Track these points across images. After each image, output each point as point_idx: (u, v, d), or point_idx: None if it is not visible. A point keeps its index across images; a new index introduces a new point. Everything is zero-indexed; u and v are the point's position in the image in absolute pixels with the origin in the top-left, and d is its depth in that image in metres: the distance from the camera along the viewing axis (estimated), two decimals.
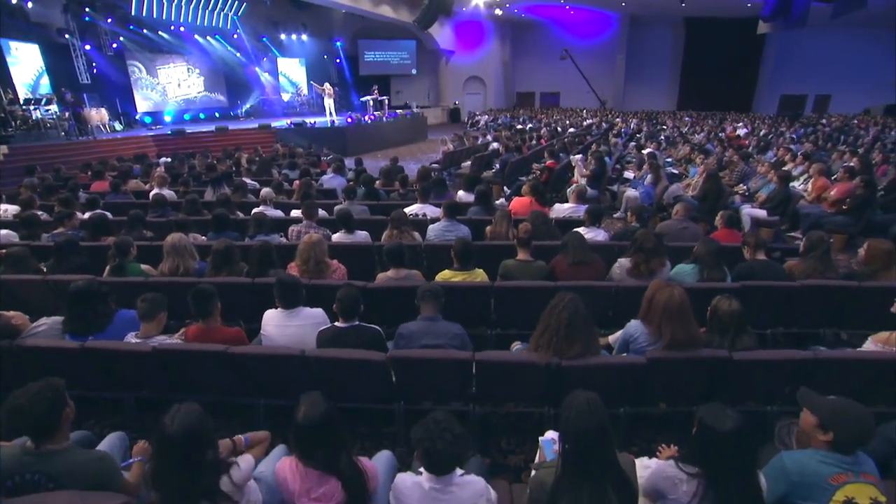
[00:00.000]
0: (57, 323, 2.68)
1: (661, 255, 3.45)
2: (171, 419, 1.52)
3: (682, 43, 27.85)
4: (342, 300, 2.49)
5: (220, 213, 4.31)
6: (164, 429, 1.51)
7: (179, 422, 1.51)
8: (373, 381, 2.53)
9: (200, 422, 1.55)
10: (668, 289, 2.50)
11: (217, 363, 2.50)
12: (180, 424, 1.50)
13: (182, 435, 1.49)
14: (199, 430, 1.54)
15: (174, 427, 1.50)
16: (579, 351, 2.39)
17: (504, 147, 9.76)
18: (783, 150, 9.63)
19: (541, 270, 3.47)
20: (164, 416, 1.55)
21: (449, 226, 4.15)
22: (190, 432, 1.51)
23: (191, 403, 1.60)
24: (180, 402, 1.62)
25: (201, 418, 1.56)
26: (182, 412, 1.54)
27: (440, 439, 1.54)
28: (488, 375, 2.50)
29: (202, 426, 1.55)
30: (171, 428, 1.50)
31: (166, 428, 1.51)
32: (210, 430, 1.60)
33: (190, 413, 1.55)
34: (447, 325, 2.56)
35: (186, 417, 1.53)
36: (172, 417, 1.53)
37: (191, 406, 1.58)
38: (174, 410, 1.56)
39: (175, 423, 1.51)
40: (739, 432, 1.54)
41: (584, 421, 1.53)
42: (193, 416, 1.54)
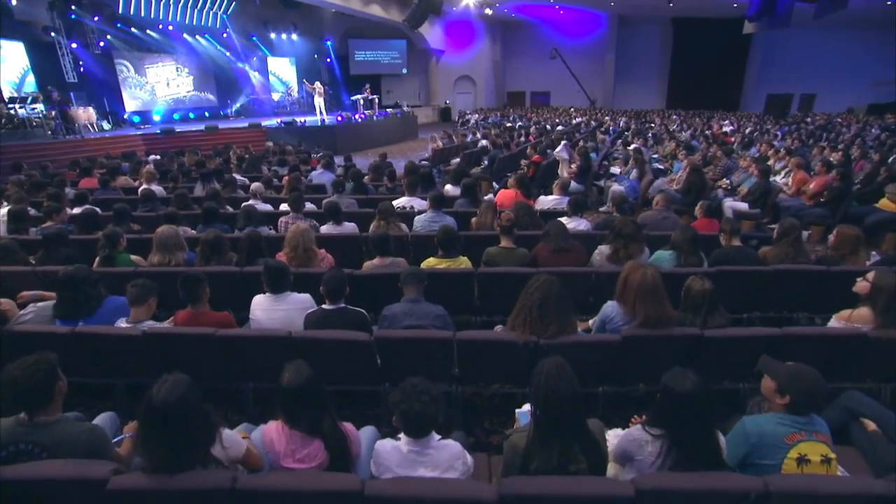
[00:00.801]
0: (44, 309, 2.72)
1: (640, 240, 3.57)
2: (158, 388, 1.57)
3: (670, 42, 28.19)
4: (328, 282, 2.57)
5: (210, 206, 4.36)
6: (151, 398, 1.56)
7: (167, 392, 1.55)
8: (358, 361, 2.60)
9: (188, 392, 1.59)
10: (641, 269, 2.60)
11: (206, 346, 2.56)
12: (167, 394, 1.55)
13: (168, 404, 1.54)
14: (187, 401, 1.58)
15: (161, 396, 1.54)
16: (555, 331, 2.48)
17: (492, 144, 9.86)
18: (766, 145, 9.84)
19: (523, 257, 3.57)
20: (151, 388, 1.59)
21: (435, 217, 4.24)
22: (176, 402, 1.55)
23: (180, 374, 1.64)
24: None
25: (189, 389, 1.60)
26: (170, 382, 1.58)
27: (417, 401, 1.63)
28: (470, 355, 2.59)
29: (189, 397, 1.59)
30: (157, 397, 1.54)
31: (153, 397, 1.55)
32: (197, 401, 1.64)
33: (178, 383, 1.59)
34: (429, 306, 2.64)
35: (174, 388, 1.57)
36: (160, 387, 1.57)
37: (179, 377, 1.62)
38: (162, 381, 1.60)
39: (162, 393, 1.55)
40: (698, 392, 1.65)
41: (554, 384, 1.63)
42: (181, 386, 1.59)
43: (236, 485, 1.51)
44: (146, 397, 1.58)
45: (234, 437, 1.74)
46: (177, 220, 4.26)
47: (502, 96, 30.65)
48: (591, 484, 1.57)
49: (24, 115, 13.16)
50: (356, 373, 2.71)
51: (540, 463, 1.62)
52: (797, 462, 1.70)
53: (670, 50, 28.39)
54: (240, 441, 1.76)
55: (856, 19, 21.08)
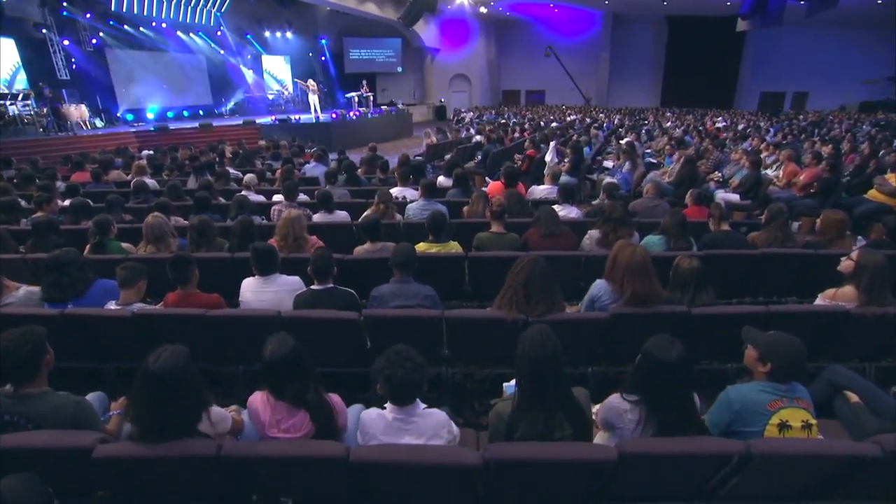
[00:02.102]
0: (33, 293, 2.71)
1: (629, 224, 3.60)
2: (156, 356, 1.56)
3: (664, 41, 28.31)
4: (316, 261, 2.58)
5: (202, 195, 4.36)
6: (147, 364, 1.56)
7: (166, 359, 1.55)
8: (347, 342, 2.61)
9: (186, 363, 1.59)
10: (630, 247, 2.62)
11: (196, 327, 2.56)
12: (166, 361, 1.55)
13: (166, 371, 1.53)
14: (183, 371, 1.57)
15: (158, 364, 1.54)
16: (543, 310, 2.50)
17: (487, 139, 9.88)
18: (758, 139, 9.91)
19: (514, 242, 3.58)
20: (148, 356, 1.59)
21: (426, 205, 4.25)
22: (174, 371, 1.54)
23: (177, 346, 1.63)
24: None
25: (187, 360, 1.60)
26: (169, 352, 1.58)
27: (401, 367, 1.64)
28: (459, 334, 2.60)
29: (187, 368, 1.59)
30: (154, 364, 1.54)
31: (150, 364, 1.55)
32: (194, 373, 1.64)
33: (177, 353, 1.59)
34: (418, 286, 2.65)
35: (174, 357, 1.57)
36: (158, 355, 1.56)
37: (178, 348, 1.62)
38: (160, 350, 1.59)
39: (160, 361, 1.55)
40: (684, 360, 1.67)
41: (538, 350, 1.65)
42: (180, 357, 1.59)
43: (221, 452, 1.52)
44: (143, 363, 1.58)
45: (222, 413, 1.75)
46: (168, 210, 4.25)
47: (497, 95, 30.68)
48: (575, 449, 1.59)
49: (16, 112, 13.06)
50: (345, 354, 2.72)
51: (525, 430, 1.64)
52: (779, 428, 1.73)
53: (664, 48, 28.51)
54: (227, 416, 1.77)
55: (848, 18, 21.25)
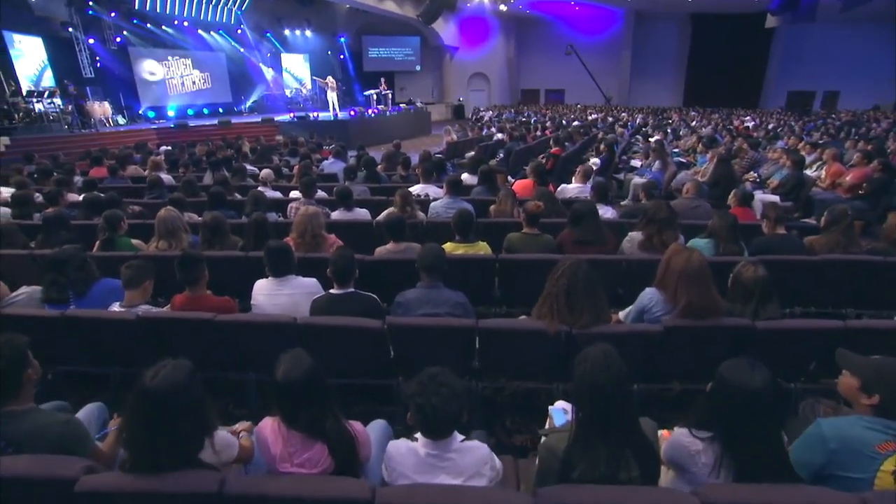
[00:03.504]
0: (36, 292, 2.54)
1: (675, 226, 3.28)
2: (154, 373, 1.35)
3: (688, 39, 27.61)
4: (336, 263, 2.34)
5: (216, 191, 4.18)
6: (144, 382, 1.34)
7: (164, 376, 1.34)
8: (369, 351, 2.37)
9: (188, 381, 1.37)
10: (685, 252, 2.33)
11: (205, 332, 2.35)
12: (164, 379, 1.33)
13: (164, 391, 1.32)
14: (184, 391, 1.35)
15: (156, 381, 1.32)
16: (588, 320, 2.22)
17: (509, 137, 9.58)
18: (795, 138, 9.41)
19: (548, 244, 3.30)
20: (147, 371, 1.37)
21: (451, 203, 3.99)
22: (173, 390, 1.33)
23: (182, 360, 1.42)
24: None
25: (190, 377, 1.38)
26: (169, 367, 1.36)
27: (435, 394, 1.37)
28: (492, 346, 2.34)
29: (189, 386, 1.37)
30: (152, 382, 1.33)
31: (146, 381, 1.33)
32: (198, 392, 1.42)
33: (178, 369, 1.37)
34: (448, 292, 2.39)
35: (174, 373, 1.35)
36: (157, 371, 1.35)
37: (181, 363, 1.40)
38: (160, 365, 1.38)
39: (158, 378, 1.33)
40: (767, 389, 1.37)
41: (602, 376, 1.37)
42: (182, 373, 1.36)
43: (224, 489, 1.28)
44: (140, 380, 1.36)
45: (228, 439, 1.51)
46: (183, 205, 4.08)
47: (516, 94, 30.31)
48: (647, 496, 1.30)
49: (42, 109, 13.24)
50: (367, 365, 2.48)
51: (584, 469, 1.37)
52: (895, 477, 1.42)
53: (688, 46, 27.81)
54: (233, 443, 1.53)
55: (882, 14, 20.28)
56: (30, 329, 2.49)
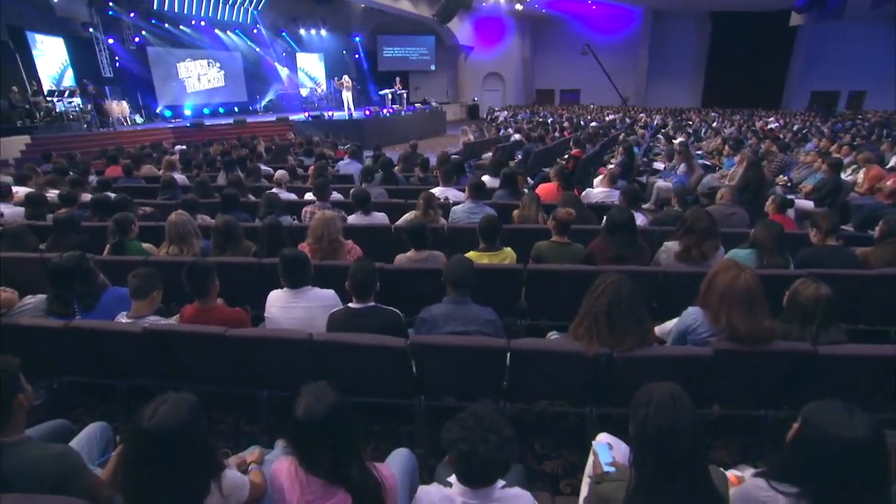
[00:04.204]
0: (43, 302, 2.42)
1: (715, 236, 3.05)
2: (152, 410, 1.20)
3: (707, 38, 27.01)
4: (356, 276, 2.17)
5: (230, 193, 4.05)
6: (140, 420, 1.19)
7: (163, 415, 1.19)
8: (390, 371, 2.20)
9: (190, 419, 1.22)
10: (734, 269, 2.10)
11: (215, 347, 2.20)
12: (163, 419, 1.18)
13: (162, 433, 1.17)
14: (187, 430, 1.21)
15: (154, 421, 1.18)
16: (630, 344, 2.02)
17: (527, 137, 9.36)
18: (826, 140, 9.02)
19: (578, 254, 3.10)
20: (145, 407, 1.23)
21: (474, 207, 3.80)
22: (172, 431, 1.18)
23: (185, 394, 1.27)
24: (175, 390, 1.29)
25: (192, 414, 1.23)
26: (170, 403, 1.22)
27: (484, 442, 1.19)
28: (524, 368, 2.15)
29: (191, 425, 1.22)
30: (149, 421, 1.18)
31: (143, 420, 1.18)
32: (202, 430, 1.28)
33: (179, 405, 1.22)
34: (477, 309, 2.21)
35: (173, 410, 1.20)
36: (156, 409, 1.20)
37: (183, 397, 1.25)
38: (160, 400, 1.23)
39: (156, 417, 1.19)
40: (874, 441, 1.16)
41: (669, 420, 1.17)
42: (183, 409, 1.21)
43: None
44: (136, 417, 1.22)
45: (237, 481, 1.34)
46: (195, 207, 3.96)
47: (531, 94, 29.98)
48: None
49: (62, 108, 13.37)
50: (386, 383, 2.31)
51: None
52: None
53: (707, 45, 27.21)
54: (243, 484, 1.37)
55: None
56: (33, 339, 2.40)
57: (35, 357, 2.49)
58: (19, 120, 12.21)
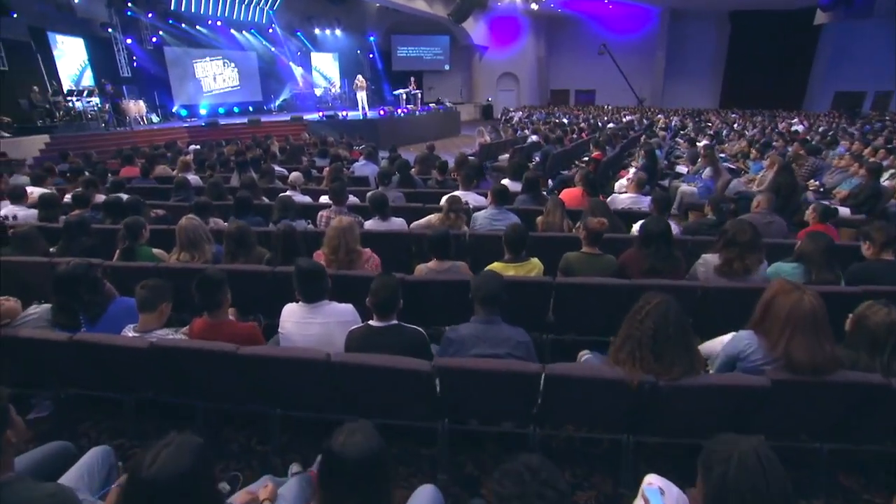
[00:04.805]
0: (47, 312, 2.30)
1: (759, 250, 2.83)
2: (153, 456, 1.07)
3: (726, 38, 26.44)
4: (378, 293, 2.00)
5: (243, 196, 3.92)
6: (139, 468, 1.06)
7: (164, 463, 1.06)
8: (413, 393, 2.04)
9: (194, 466, 1.09)
10: (795, 292, 1.90)
11: (225, 364, 2.06)
12: (164, 467, 1.05)
13: (161, 482, 1.04)
14: (191, 479, 1.08)
15: (154, 469, 1.05)
16: (678, 373, 1.83)
17: (544, 139, 9.15)
18: (859, 143, 8.65)
19: (610, 266, 2.90)
20: (145, 451, 1.10)
21: (497, 214, 3.62)
22: (174, 481, 1.05)
23: (189, 437, 1.15)
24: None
25: (196, 461, 1.10)
26: (172, 448, 1.09)
27: (541, 498, 1.02)
28: (559, 394, 1.97)
29: (196, 472, 1.09)
30: (149, 469, 1.05)
31: (143, 468, 1.05)
32: (207, 479, 1.15)
33: (182, 450, 1.09)
34: (508, 329, 2.03)
35: (176, 457, 1.07)
36: (156, 455, 1.07)
37: (186, 441, 1.12)
38: (162, 444, 1.10)
39: (157, 464, 1.05)
40: None
41: (754, 487, 0.99)
42: (186, 455, 1.08)
43: None
44: (135, 463, 1.09)
45: None
46: (208, 210, 3.85)
47: (545, 94, 29.67)
48: None
49: (81, 107, 13.49)
50: (408, 406, 2.15)
51: None
52: None
53: (726, 45, 26.63)
54: None
55: None
56: (38, 351, 2.28)
57: (39, 368, 2.39)
58: (39, 119, 12.34)
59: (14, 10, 12.37)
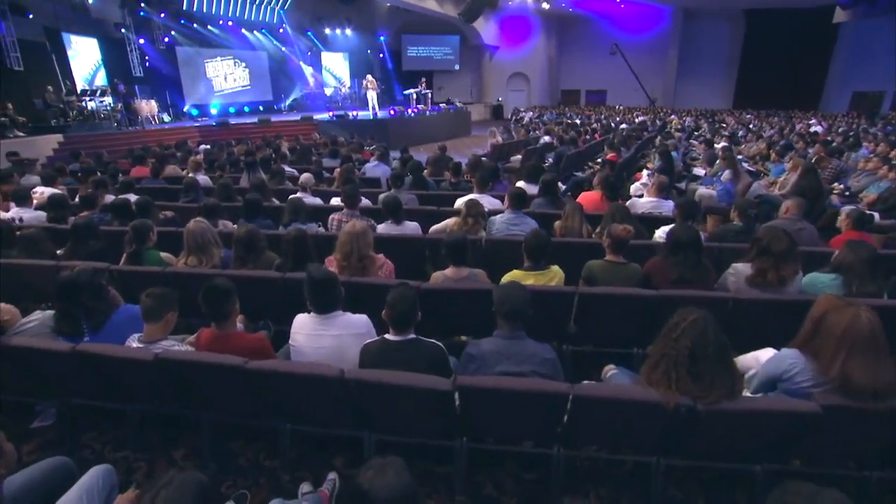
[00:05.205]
0: (50, 319, 2.22)
1: (796, 259, 2.67)
2: (150, 498, 0.99)
3: (740, 37, 26.00)
4: (395, 306, 1.88)
5: (252, 198, 3.83)
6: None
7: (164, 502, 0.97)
8: (431, 412, 1.92)
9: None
10: (849, 308, 1.75)
11: (233, 378, 1.95)
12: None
13: None
14: None
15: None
16: (718, 396, 1.70)
17: (558, 140, 8.98)
18: (884, 145, 8.39)
19: (634, 275, 2.76)
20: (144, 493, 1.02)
21: (514, 219, 3.49)
22: None
23: (190, 475, 1.07)
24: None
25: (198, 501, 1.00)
26: (172, 489, 1.00)
27: None
28: (587, 415, 1.84)
29: None
30: None
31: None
32: None
33: (182, 491, 1.00)
34: (534, 345, 1.90)
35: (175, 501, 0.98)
36: (155, 496, 0.99)
37: (187, 480, 1.04)
38: (162, 483, 1.02)
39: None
40: None
41: None
42: (187, 497, 1.00)
43: None
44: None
45: None
46: (217, 212, 3.76)
47: (556, 94, 29.44)
48: None
49: (94, 107, 13.57)
50: (425, 423, 2.04)
51: None
52: None
53: (740, 45, 26.17)
54: None
55: None
56: (39, 362, 2.19)
57: (41, 378, 2.31)
58: (53, 119, 12.44)
59: (30, 11, 12.48)
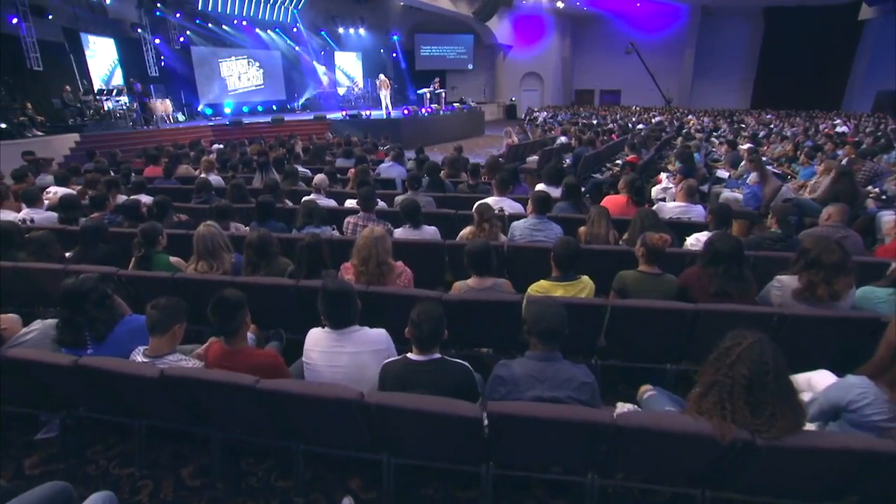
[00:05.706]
0: (51, 328, 2.10)
1: (849, 272, 2.46)
2: None
3: (759, 36, 25.45)
4: (421, 324, 1.72)
5: (265, 201, 3.71)
6: None
7: None
8: (458, 438, 1.76)
9: None
10: None
11: (243, 398, 1.82)
12: None
13: None
14: None
15: None
16: (782, 430, 1.51)
17: (576, 140, 8.76)
18: None
19: (670, 287, 2.57)
20: None
21: (538, 224, 3.31)
22: None
23: None
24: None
25: None
26: None
27: None
28: (629, 446, 1.66)
29: None
30: None
31: None
32: None
33: None
34: (570, 367, 1.73)
35: None
36: None
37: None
38: None
39: None
40: None
41: None
42: None
43: None
44: None
45: None
46: (228, 215, 3.65)
47: (570, 94, 29.13)
48: None
49: (110, 107, 13.68)
50: (450, 449, 1.88)
51: None
52: None
53: (759, 44, 25.63)
54: None
55: None
56: (39, 375, 2.08)
57: (43, 391, 2.20)
58: (71, 119, 12.55)
59: (50, 13, 12.63)
